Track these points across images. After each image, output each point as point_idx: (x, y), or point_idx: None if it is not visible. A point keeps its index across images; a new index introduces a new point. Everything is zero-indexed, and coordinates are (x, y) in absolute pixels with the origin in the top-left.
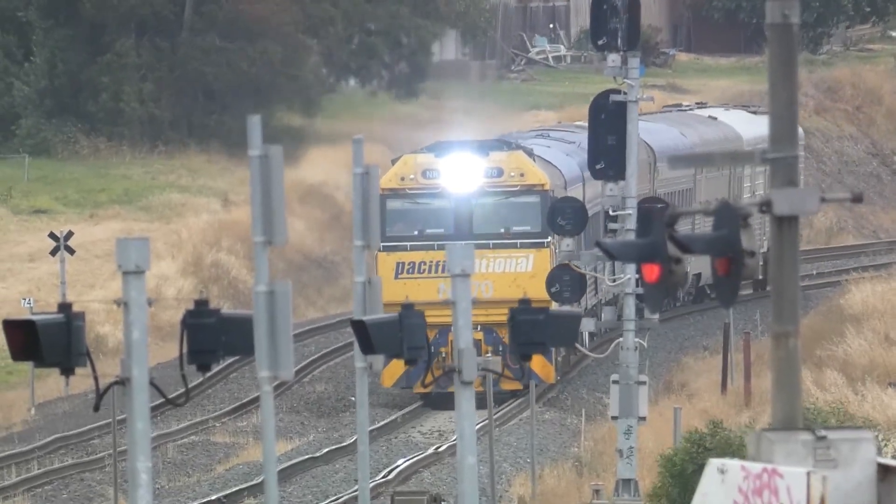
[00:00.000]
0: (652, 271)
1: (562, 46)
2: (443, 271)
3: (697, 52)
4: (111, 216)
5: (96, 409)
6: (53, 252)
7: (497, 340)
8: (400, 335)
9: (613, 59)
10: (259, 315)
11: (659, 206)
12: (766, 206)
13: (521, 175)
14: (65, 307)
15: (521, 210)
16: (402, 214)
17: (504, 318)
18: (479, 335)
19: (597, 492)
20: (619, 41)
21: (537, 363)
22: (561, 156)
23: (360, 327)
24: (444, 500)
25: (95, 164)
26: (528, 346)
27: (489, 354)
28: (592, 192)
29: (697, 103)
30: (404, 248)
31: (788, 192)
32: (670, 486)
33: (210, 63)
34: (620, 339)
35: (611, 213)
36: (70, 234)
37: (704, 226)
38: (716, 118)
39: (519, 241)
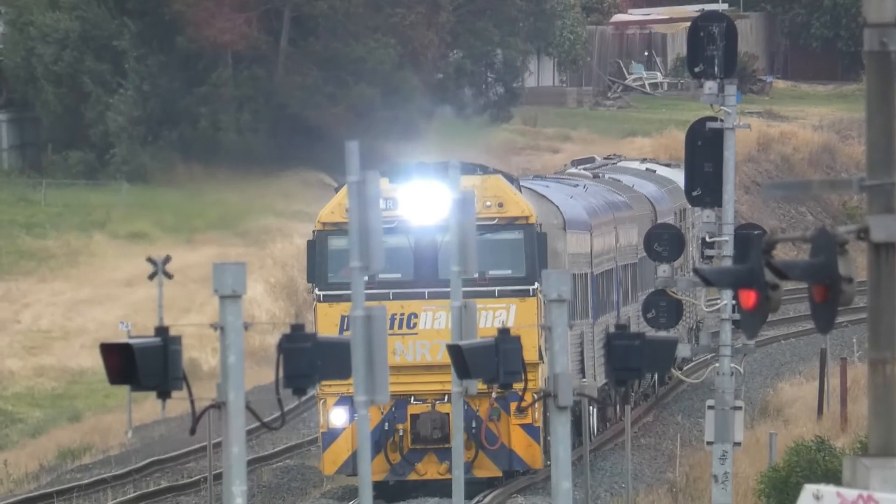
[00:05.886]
0: (749, 297)
1: (658, 73)
2: (400, 327)
3: (794, 80)
4: (208, 241)
5: (192, 432)
6: (151, 276)
7: (470, 415)
8: (496, 360)
9: (710, 86)
10: (356, 339)
11: (756, 232)
12: (863, 232)
13: (500, 205)
14: (162, 331)
15: (499, 249)
16: (348, 255)
17: (477, 387)
18: (447, 407)
19: None
20: (715, 68)
21: (522, 444)
22: (561, 196)
23: (456, 352)
24: None
25: (191, 190)
26: (624, 371)
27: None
28: (601, 245)
29: (608, 156)
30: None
31: (886, 219)
32: None
33: (308, 103)
34: (716, 364)
35: (707, 239)
36: (168, 258)
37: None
38: (654, 171)
39: (497, 288)
